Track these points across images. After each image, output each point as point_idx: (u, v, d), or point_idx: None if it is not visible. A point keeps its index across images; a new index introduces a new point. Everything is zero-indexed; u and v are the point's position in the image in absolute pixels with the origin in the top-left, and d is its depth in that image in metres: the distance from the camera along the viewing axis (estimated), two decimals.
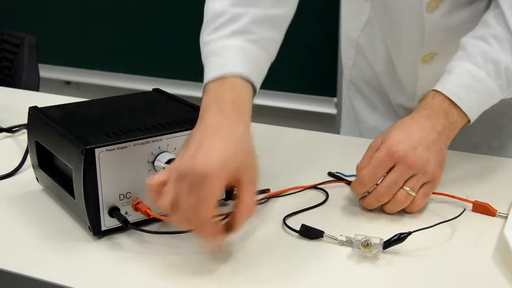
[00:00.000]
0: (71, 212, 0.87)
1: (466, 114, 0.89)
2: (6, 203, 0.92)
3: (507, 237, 0.75)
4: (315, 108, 2.90)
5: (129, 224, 0.79)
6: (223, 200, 0.89)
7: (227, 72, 0.81)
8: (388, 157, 0.83)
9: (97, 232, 0.80)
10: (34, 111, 0.92)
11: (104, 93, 2.65)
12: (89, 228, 0.80)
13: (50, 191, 0.93)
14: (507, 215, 0.84)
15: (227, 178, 0.72)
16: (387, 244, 0.76)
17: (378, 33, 1.19)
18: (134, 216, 0.82)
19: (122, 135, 0.81)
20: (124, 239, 0.81)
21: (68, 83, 3.57)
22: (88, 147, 0.77)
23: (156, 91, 1.03)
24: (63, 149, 0.83)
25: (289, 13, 0.93)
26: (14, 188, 0.96)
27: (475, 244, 0.79)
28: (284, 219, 0.85)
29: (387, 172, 0.84)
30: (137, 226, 0.80)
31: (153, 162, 0.81)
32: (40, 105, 0.94)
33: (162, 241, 0.80)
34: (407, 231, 0.77)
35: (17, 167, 1.02)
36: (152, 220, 0.82)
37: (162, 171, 0.77)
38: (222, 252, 0.77)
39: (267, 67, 0.89)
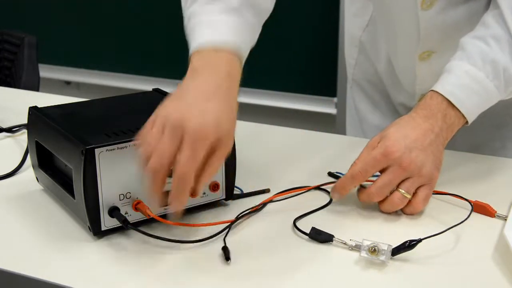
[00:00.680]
0: (71, 212, 0.87)
1: (464, 115, 0.89)
2: (6, 203, 0.92)
3: (507, 237, 0.76)
4: (315, 108, 2.90)
5: (129, 224, 0.79)
6: (223, 200, 0.90)
7: (221, 42, 0.83)
8: (383, 157, 0.84)
9: (97, 232, 0.80)
10: (34, 111, 0.92)
11: (104, 93, 2.65)
12: (89, 228, 0.80)
13: (50, 191, 0.93)
14: (506, 216, 0.84)
15: (215, 138, 0.73)
16: (396, 251, 0.75)
17: (380, 32, 1.19)
18: (134, 216, 0.82)
19: (122, 135, 0.81)
20: (124, 239, 0.81)
21: (68, 83, 3.57)
22: (88, 147, 0.77)
23: (156, 91, 1.03)
24: (63, 149, 0.83)
25: (269, 9, 0.95)
26: (14, 188, 0.97)
27: (475, 245, 0.79)
28: (295, 222, 0.85)
29: (382, 172, 0.85)
30: (137, 226, 0.80)
31: None
32: (40, 105, 0.94)
33: (162, 241, 0.79)
34: (417, 238, 0.76)
35: (17, 167, 1.02)
36: (152, 220, 0.82)
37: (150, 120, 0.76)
38: (180, 218, 0.77)
39: (250, 48, 0.90)
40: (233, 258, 0.77)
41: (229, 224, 0.83)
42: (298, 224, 0.84)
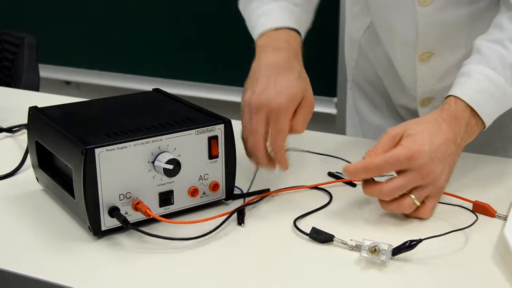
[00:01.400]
0: (71, 212, 0.87)
1: (484, 122, 0.88)
2: (6, 203, 0.92)
3: (507, 237, 0.75)
4: (315, 108, 2.90)
5: (129, 224, 0.79)
6: (224, 200, 0.90)
7: (278, 25, 0.96)
8: (407, 160, 0.80)
9: (97, 232, 0.80)
10: (34, 111, 0.92)
11: (104, 93, 2.65)
12: (89, 228, 0.80)
13: (50, 191, 0.93)
14: (506, 216, 0.84)
15: (296, 106, 0.87)
16: (397, 251, 0.75)
17: (380, 33, 1.19)
18: (134, 216, 0.82)
19: (122, 135, 0.81)
20: (124, 239, 0.81)
21: (68, 83, 3.57)
22: (88, 147, 0.77)
23: (156, 91, 1.03)
24: (63, 149, 0.83)
25: None
26: (14, 188, 0.97)
27: (475, 244, 0.79)
28: (295, 222, 0.85)
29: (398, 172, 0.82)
30: (137, 226, 0.80)
31: (153, 162, 0.81)
32: (40, 105, 0.94)
33: (162, 241, 0.79)
34: (418, 238, 0.76)
35: (17, 167, 1.02)
36: (152, 220, 0.82)
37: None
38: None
39: (307, 26, 1.04)
40: (234, 258, 0.77)
41: (228, 216, 0.83)
42: (298, 224, 0.84)
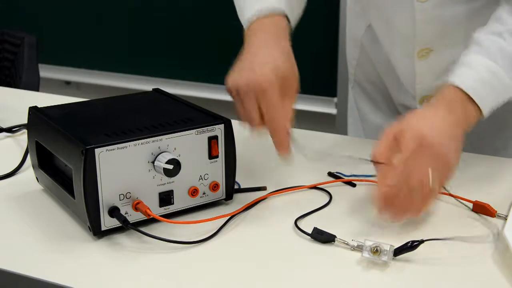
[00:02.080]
0: (71, 212, 0.87)
1: (482, 111, 0.87)
2: (6, 203, 0.92)
3: (507, 237, 0.75)
4: (315, 108, 2.90)
5: (129, 224, 0.79)
6: (224, 200, 0.90)
7: (266, 7, 0.93)
8: (413, 141, 0.80)
9: (97, 232, 0.80)
10: (34, 111, 0.92)
11: (104, 93, 2.65)
12: (89, 228, 0.80)
13: (50, 191, 0.93)
14: (507, 216, 0.84)
15: (280, 83, 0.85)
16: (398, 252, 0.75)
17: (379, 31, 1.19)
18: (134, 216, 0.82)
19: (122, 135, 0.81)
20: (124, 239, 0.81)
21: (68, 83, 3.57)
22: (88, 147, 0.77)
23: (156, 91, 1.03)
24: (63, 149, 0.83)
25: None
26: (14, 188, 0.97)
27: (476, 244, 0.79)
28: (296, 222, 0.85)
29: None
30: (137, 226, 0.80)
31: (153, 162, 0.81)
32: (40, 105, 0.94)
33: (162, 241, 0.79)
34: (420, 239, 0.76)
35: (17, 167, 1.02)
36: (152, 220, 0.82)
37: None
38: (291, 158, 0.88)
39: (299, 12, 1.01)
40: (234, 258, 0.77)
41: (228, 219, 0.83)
42: (299, 224, 0.84)
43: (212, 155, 0.86)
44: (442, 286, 0.72)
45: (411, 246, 0.75)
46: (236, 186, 0.92)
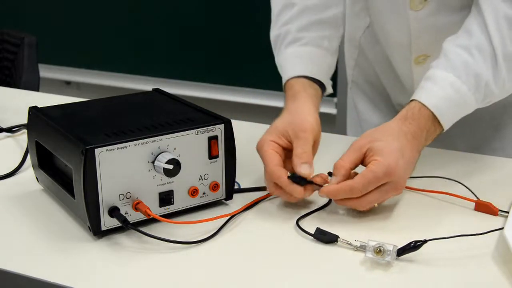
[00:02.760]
0: (71, 212, 0.87)
1: (443, 127, 0.90)
2: (6, 203, 0.92)
3: (507, 237, 0.75)
4: None
5: (129, 224, 0.79)
6: (224, 200, 0.90)
7: (290, 76, 1.04)
8: (386, 177, 0.83)
9: (97, 232, 0.80)
10: (34, 111, 0.92)
11: (104, 93, 2.65)
12: (89, 228, 0.80)
13: (50, 191, 0.93)
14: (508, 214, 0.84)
15: (279, 143, 0.91)
16: (402, 252, 0.75)
17: (377, 34, 1.19)
18: (134, 216, 0.82)
19: (122, 135, 0.81)
20: (124, 239, 0.81)
21: (68, 83, 3.57)
22: (88, 147, 0.77)
23: (156, 91, 1.03)
24: (63, 149, 0.83)
25: (337, 13, 1.10)
26: (14, 188, 0.97)
27: (478, 243, 0.79)
28: (298, 222, 0.85)
29: None
30: (137, 226, 0.80)
31: (153, 162, 0.81)
32: (40, 105, 0.94)
33: (162, 241, 0.79)
34: (423, 239, 0.76)
35: (17, 167, 1.02)
36: (152, 220, 0.82)
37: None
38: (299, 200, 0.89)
39: (328, 59, 1.08)
40: (236, 258, 0.77)
41: (228, 219, 0.83)
42: (301, 224, 0.84)
43: (212, 155, 0.86)
44: (445, 286, 0.72)
45: (414, 246, 0.75)
46: (236, 186, 0.92)
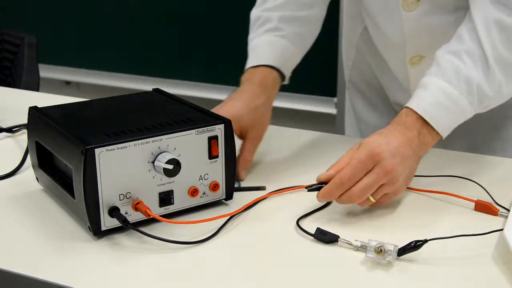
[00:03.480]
0: (71, 212, 0.87)
1: (439, 132, 0.89)
2: (6, 203, 0.92)
3: (507, 237, 0.76)
4: (315, 108, 2.90)
5: (129, 224, 0.79)
6: (224, 200, 0.90)
7: (258, 63, 1.05)
8: (369, 159, 0.82)
9: (97, 232, 0.80)
10: (34, 111, 0.92)
11: (104, 93, 2.65)
12: (89, 228, 0.80)
13: (50, 191, 0.93)
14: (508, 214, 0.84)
15: (237, 130, 0.95)
16: (402, 251, 0.75)
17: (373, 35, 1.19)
18: (134, 216, 0.82)
19: (122, 135, 0.81)
20: (124, 239, 0.81)
21: (68, 83, 3.57)
22: (88, 147, 0.77)
23: (156, 91, 1.03)
24: (63, 149, 0.83)
25: (318, 14, 1.14)
26: (14, 188, 0.97)
27: (476, 244, 0.79)
28: (298, 222, 0.85)
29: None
30: (137, 226, 0.80)
31: (153, 162, 0.81)
32: (40, 105, 0.94)
33: (162, 241, 0.79)
34: (423, 239, 0.76)
35: (17, 167, 1.02)
36: (152, 220, 0.82)
37: None
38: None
39: (297, 56, 1.12)
40: (236, 258, 0.77)
41: (228, 219, 0.83)
42: (302, 224, 0.84)
43: (212, 155, 0.86)
44: (446, 286, 0.72)
45: (415, 246, 0.75)
46: (236, 186, 0.92)
